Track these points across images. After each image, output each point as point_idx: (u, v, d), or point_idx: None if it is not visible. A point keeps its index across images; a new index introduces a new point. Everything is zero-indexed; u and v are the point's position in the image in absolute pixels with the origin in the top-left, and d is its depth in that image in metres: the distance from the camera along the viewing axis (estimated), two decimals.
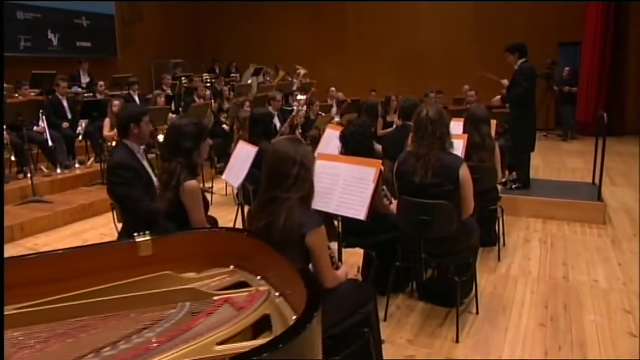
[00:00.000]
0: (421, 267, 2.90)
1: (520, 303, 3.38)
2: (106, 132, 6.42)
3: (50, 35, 9.76)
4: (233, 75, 10.89)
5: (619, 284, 3.64)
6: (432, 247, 2.91)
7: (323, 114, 7.27)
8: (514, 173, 5.74)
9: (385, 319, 3.15)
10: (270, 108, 6.97)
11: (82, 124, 7.04)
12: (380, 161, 2.73)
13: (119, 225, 3.36)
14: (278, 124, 6.96)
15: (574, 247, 4.39)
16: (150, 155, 7.23)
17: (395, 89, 10.66)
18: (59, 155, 6.67)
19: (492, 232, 4.30)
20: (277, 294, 1.62)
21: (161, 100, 7.06)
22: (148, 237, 1.83)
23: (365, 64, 12.68)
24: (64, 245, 5.12)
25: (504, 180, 4.09)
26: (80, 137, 7.06)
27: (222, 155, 6.75)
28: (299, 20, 13.20)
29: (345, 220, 3.18)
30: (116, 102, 6.50)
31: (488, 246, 4.31)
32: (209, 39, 13.75)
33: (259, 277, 1.77)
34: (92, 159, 7.06)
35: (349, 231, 3.30)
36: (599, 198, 5.15)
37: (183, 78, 8.77)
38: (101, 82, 7.81)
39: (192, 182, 2.56)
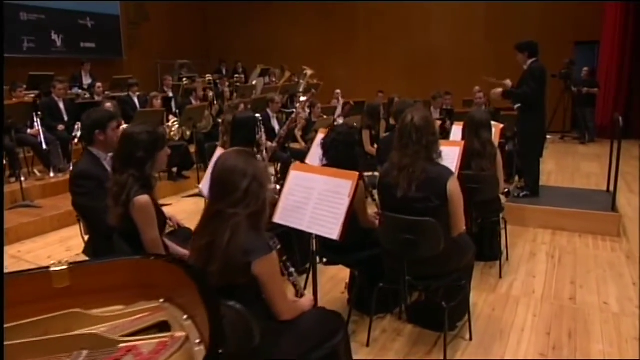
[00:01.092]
0: (405, 290, 2.60)
1: (520, 328, 3.05)
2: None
3: (54, 36, 9.66)
4: (237, 76, 10.64)
5: (632, 307, 3.28)
6: (417, 269, 2.61)
7: (325, 117, 6.97)
8: (522, 180, 5.39)
9: (368, 344, 2.86)
10: (269, 110, 6.72)
11: (79, 126, 6.88)
12: (358, 174, 2.43)
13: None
14: (277, 127, 6.70)
15: (584, 263, 4.02)
16: None
17: (405, 90, 10.38)
18: (53, 158, 6.51)
19: (494, 246, 3.97)
20: (198, 340, 1.34)
21: (158, 102, 6.85)
22: (64, 266, 1.57)
23: (375, 64, 12.35)
24: (49, 252, 4.96)
25: (506, 190, 3.75)
26: (76, 140, 6.89)
27: None
28: (309, 20, 12.93)
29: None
30: (108, 105, 6.27)
31: (490, 261, 3.99)
32: (217, 40, 13.57)
33: (185, 317, 1.49)
34: None
35: (328, 247, 3.03)
36: (613, 208, 4.76)
37: (184, 79, 8.57)
38: (99, 84, 7.65)
39: (142, 198, 2.30)
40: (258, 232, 1.82)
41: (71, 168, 6.82)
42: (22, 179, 5.89)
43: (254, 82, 10.16)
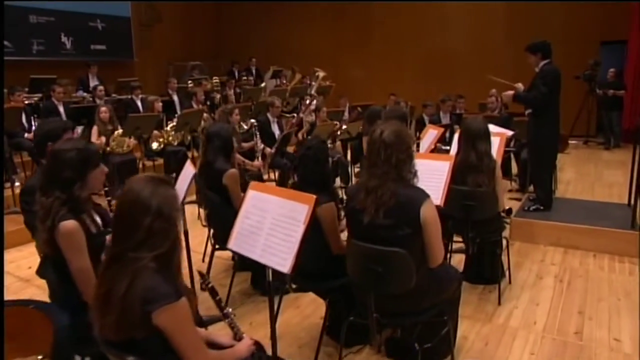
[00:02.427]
0: (373, 327, 2.25)
1: None
2: (94, 140, 6.05)
3: (64, 39, 9.58)
4: (245, 78, 10.39)
5: None
6: (387, 304, 2.26)
7: (328, 122, 6.63)
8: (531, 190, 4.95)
9: None
10: (269, 115, 6.44)
11: (79, 130, 6.74)
12: (315, 197, 2.09)
13: None
14: (277, 132, 6.41)
15: (596, 289, 3.59)
16: (148, 163, 6.96)
17: (421, 93, 9.94)
18: None
19: (495, 268, 3.57)
20: None
21: (158, 105, 6.64)
22: None
23: (390, 66, 11.93)
24: (31, 262, 4.76)
25: (508, 208, 3.36)
26: None
27: None
28: (323, 21, 12.60)
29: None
30: (103, 109, 6.14)
31: (490, 284, 3.61)
32: (230, 41, 13.36)
33: None
34: None
35: (299, 272, 2.70)
36: (633, 225, 4.29)
37: (190, 82, 8.35)
38: (101, 87, 7.49)
39: (68, 223, 2.02)
40: (166, 276, 1.51)
41: None
42: (17, 184, 5.74)
43: (262, 85, 9.88)
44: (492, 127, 4.84)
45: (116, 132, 6.00)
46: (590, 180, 6.80)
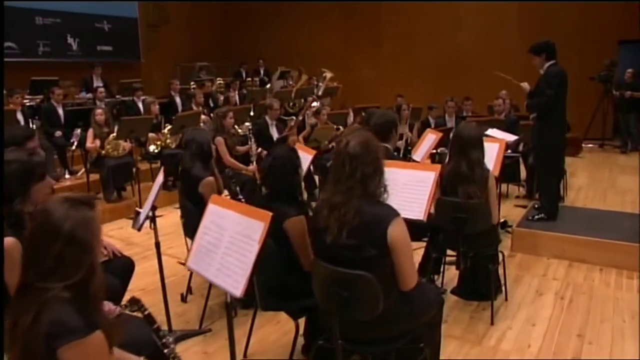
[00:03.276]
0: (340, 355, 2.06)
1: None
2: (89, 143, 5.95)
3: (70, 40, 9.56)
4: (249, 79, 10.24)
5: None
6: (354, 331, 2.06)
7: (328, 125, 6.42)
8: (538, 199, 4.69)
9: None
10: (267, 117, 6.26)
11: (78, 132, 6.67)
12: (270, 215, 1.91)
13: None
14: (276, 135, 6.23)
15: (600, 308, 3.33)
16: (144, 166, 6.85)
17: (432, 94, 9.65)
18: (47, 165, 6.30)
19: (489, 284, 3.33)
20: None
21: (155, 108, 6.52)
22: None
23: (401, 66, 11.68)
24: None
25: (503, 221, 3.12)
26: (74, 147, 6.68)
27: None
28: (332, 21, 12.39)
29: (263, 275, 2.42)
30: (99, 111, 6.03)
31: (486, 300, 3.37)
32: (239, 41, 13.23)
33: None
34: (82, 170, 6.65)
35: (270, 291, 2.53)
36: None
37: (192, 83, 8.24)
38: (101, 89, 7.40)
39: (6, 240, 1.87)
40: (80, 307, 1.34)
41: (67, 175, 6.69)
42: None
43: (267, 86, 9.72)
44: (495, 132, 4.65)
45: (111, 135, 5.89)
46: (602, 186, 6.47)
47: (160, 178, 2.95)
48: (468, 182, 3.02)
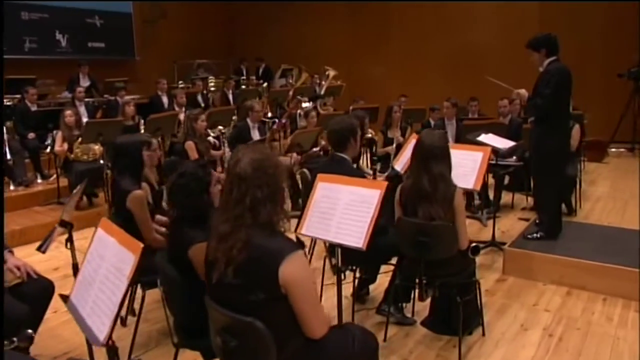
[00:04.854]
0: None
1: None
2: (57, 146, 5.81)
3: (59, 36, 9.50)
4: (244, 78, 10.03)
5: None
6: None
7: (316, 128, 6.10)
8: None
9: None
10: (248, 120, 6.01)
11: (55, 134, 6.54)
12: (142, 245, 1.64)
13: None
14: (257, 139, 5.97)
15: (595, 350, 2.92)
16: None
17: (444, 94, 9.21)
18: (16, 169, 6.20)
19: (458, 318, 2.93)
20: None
21: (130, 109, 6.32)
22: None
23: (411, 64, 11.28)
24: None
25: (473, 245, 2.75)
26: (48, 150, 6.55)
27: None
28: (339, 17, 12.06)
29: (172, 310, 2.15)
30: (68, 113, 5.87)
31: (455, 336, 3.01)
32: (242, 37, 13.02)
33: None
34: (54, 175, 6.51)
35: (182, 327, 2.26)
36: None
37: (180, 82, 8.06)
38: (80, 88, 7.27)
39: None
40: None
41: (39, 180, 6.57)
42: None
43: (265, 85, 9.49)
44: (488, 138, 4.29)
45: (80, 139, 5.73)
46: (624, 198, 5.98)
47: (77, 190, 2.71)
48: (430, 200, 2.68)
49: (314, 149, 5.70)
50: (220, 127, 5.14)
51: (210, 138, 5.74)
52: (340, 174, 2.68)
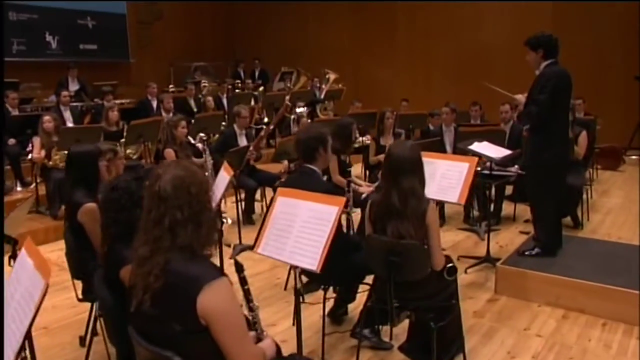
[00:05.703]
0: None
1: None
2: (35, 153, 5.75)
3: (49, 38, 9.51)
4: (238, 82, 9.96)
5: None
6: None
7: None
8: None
9: None
10: (235, 126, 5.90)
11: (34, 141, 6.49)
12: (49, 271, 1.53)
13: None
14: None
15: None
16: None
17: (451, 97, 9.05)
18: None
19: (432, 345, 2.74)
20: None
21: (114, 114, 6.26)
22: None
23: (417, 67, 11.15)
24: None
25: (450, 265, 2.59)
26: (29, 157, 6.50)
27: None
28: (342, 17, 11.96)
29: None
30: (47, 118, 5.82)
31: None
32: (241, 39, 12.95)
33: None
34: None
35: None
36: None
37: (171, 86, 8.00)
38: (65, 92, 7.22)
39: None
40: None
41: (18, 188, 6.52)
42: None
43: (261, 88, 9.40)
44: (480, 146, 4.13)
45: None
46: (636, 210, 5.76)
47: (22, 204, 2.62)
48: (399, 217, 2.52)
49: None
50: (202, 134, 5.03)
51: (198, 144, 5.66)
52: (308, 187, 2.56)
